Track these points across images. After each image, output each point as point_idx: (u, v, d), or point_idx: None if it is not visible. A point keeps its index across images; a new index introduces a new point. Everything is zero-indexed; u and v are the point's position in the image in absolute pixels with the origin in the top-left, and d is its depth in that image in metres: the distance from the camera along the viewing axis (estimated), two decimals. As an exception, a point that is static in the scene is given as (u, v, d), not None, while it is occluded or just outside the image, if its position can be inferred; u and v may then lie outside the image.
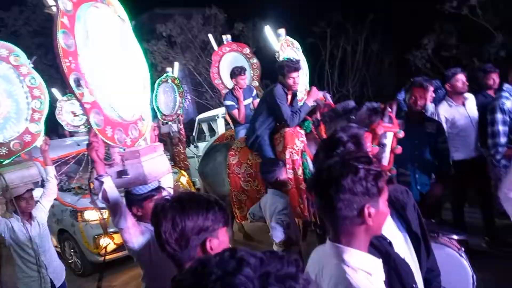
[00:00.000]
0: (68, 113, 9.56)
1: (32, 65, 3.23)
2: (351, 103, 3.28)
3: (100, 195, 1.97)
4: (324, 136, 3.49)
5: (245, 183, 4.07)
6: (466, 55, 10.19)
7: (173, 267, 1.37)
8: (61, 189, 5.75)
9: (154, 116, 7.28)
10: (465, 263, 2.17)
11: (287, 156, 3.65)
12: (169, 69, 8.20)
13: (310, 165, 3.59)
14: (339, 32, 12.71)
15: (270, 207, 3.06)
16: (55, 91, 10.05)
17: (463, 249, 2.28)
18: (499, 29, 9.43)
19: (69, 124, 9.70)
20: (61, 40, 1.81)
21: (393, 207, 1.60)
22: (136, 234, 2.00)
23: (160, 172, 2.31)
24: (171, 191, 2.42)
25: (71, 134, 9.65)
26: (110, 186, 1.97)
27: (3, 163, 3.05)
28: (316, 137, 3.67)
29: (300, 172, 3.63)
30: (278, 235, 2.91)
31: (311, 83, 4.97)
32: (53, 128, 12.36)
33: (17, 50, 3.13)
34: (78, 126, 9.76)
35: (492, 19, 9.41)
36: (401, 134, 2.41)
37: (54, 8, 1.86)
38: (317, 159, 1.84)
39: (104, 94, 2.06)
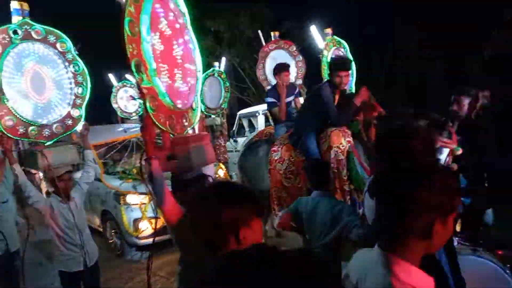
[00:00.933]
0: (122, 99, 10.05)
1: (77, 52, 3.38)
2: (410, 110, 3.20)
3: (147, 175, 2.07)
4: (373, 139, 3.39)
5: (286, 180, 4.05)
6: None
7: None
8: (106, 172, 6.08)
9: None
10: (510, 279, 2.08)
11: (332, 155, 3.61)
12: (216, 63, 8.40)
13: (358, 166, 3.51)
14: (390, 34, 12.35)
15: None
16: (111, 76, 10.58)
17: (508, 265, 2.17)
18: None
19: (123, 110, 10.20)
20: (127, 27, 1.94)
21: None
22: (176, 215, 2.08)
23: (205, 160, 2.38)
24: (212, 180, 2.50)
25: (123, 121, 10.13)
26: (156, 168, 2.07)
27: (45, 144, 3.21)
28: (364, 138, 3.58)
29: (344, 173, 3.57)
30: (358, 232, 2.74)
31: (358, 85, 4.89)
32: (105, 115, 13.02)
33: (64, 36, 3.27)
34: (131, 113, 10.24)
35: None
36: (459, 152, 2.29)
37: None
38: (380, 159, 1.77)
39: (160, 82, 2.17)
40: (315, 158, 3.69)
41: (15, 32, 2.98)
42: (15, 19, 3.01)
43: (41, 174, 4.21)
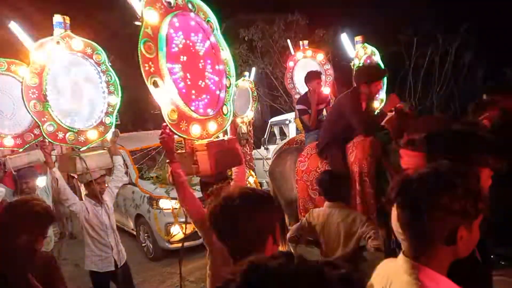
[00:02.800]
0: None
1: (110, 64, 3.60)
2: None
3: (169, 178, 2.32)
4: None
5: (313, 192, 3.88)
6: None
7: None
8: (141, 177, 6.28)
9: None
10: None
11: (355, 169, 3.50)
12: (246, 73, 8.50)
13: (389, 177, 3.38)
14: (427, 41, 12.00)
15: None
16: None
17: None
18: None
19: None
20: (142, 47, 2.13)
21: None
22: (202, 215, 2.21)
23: (226, 164, 2.52)
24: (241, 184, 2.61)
25: (155, 128, 10.48)
26: (176, 171, 2.31)
27: (80, 150, 3.41)
28: (396, 148, 3.48)
29: (369, 186, 3.44)
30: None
31: (389, 93, 4.78)
32: (142, 122, 13.50)
33: (99, 49, 3.50)
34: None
35: None
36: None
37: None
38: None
39: (181, 94, 2.33)
40: (339, 169, 3.58)
41: (57, 43, 3.21)
42: (57, 31, 3.23)
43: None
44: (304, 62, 6.06)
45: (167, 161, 2.39)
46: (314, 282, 0.66)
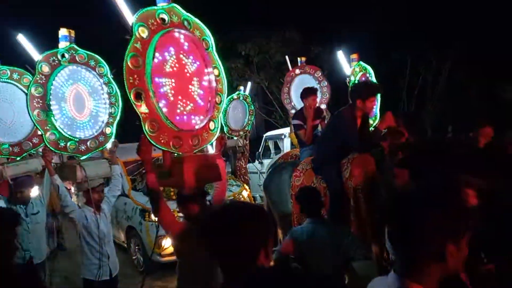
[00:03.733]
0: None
1: (112, 76, 3.75)
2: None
3: (144, 188, 2.40)
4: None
5: None
6: None
7: (204, 269, 1.47)
8: (134, 188, 6.33)
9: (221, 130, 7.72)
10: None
11: (351, 185, 3.59)
12: (241, 87, 8.69)
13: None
14: (420, 60, 12.36)
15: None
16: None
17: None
18: None
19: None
20: (129, 61, 2.26)
21: None
22: (175, 225, 2.36)
23: (205, 179, 2.62)
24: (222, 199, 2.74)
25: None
26: (152, 182, 2.42)
27: (80, 158, 3.53)
28: (388, 165, 3.46)
29: (363, 202, 3.50)
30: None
31: (383, 111, 4.94)
32: (136, 134, 13.52)
33: (102, 61, 3.67)
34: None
35: None
36: None
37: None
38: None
39: (164, 108, 2.45)
40: (334, 185, 3.67)
41: (63, 56, 3.36)
42: (63, 44, 3.40)
43: (73, 189, 4.51)
44: (301, 78, 6.24)
45: (143, 172, 2.53)
46: None
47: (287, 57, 6.83)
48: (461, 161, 1.65)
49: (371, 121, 4.41)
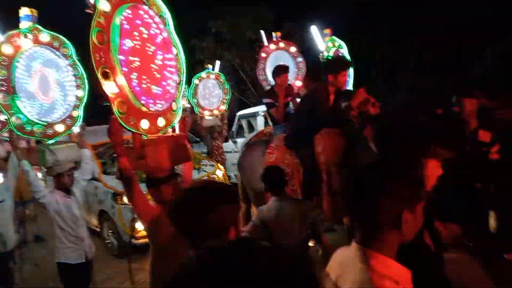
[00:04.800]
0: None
1: (78, 57, 3.68)
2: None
3: (117, 173, 2.38)
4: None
5: None
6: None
7: (178, 253, 1.47)
8: (104, 172, 6.29)
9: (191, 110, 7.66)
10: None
11: (323, 159, 3.72)
12: (209, 66, 8.58)
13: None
14: (390, 38, 12.59)
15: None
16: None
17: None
18: None
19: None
20: (94, 37, 2.17)
21: None
22: (148, 209, 2.36)
23: (175, 159, 2.61)
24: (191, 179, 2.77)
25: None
26: (124, 166, 2.38)
27: (48, 142, 3.49)
28: (361, 139, 3.62)
29: (335, 176, 3.62)
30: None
31: (356, 87, 5.06)
32: (105, 116, 13.25)
33: (67, 42, 3.59)
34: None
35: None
36: None
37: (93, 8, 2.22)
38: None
39: (131, 87, 2.40)
40: (307, 161, 3.78)
41: (25, 36, 3.27)
42: (25, 24, 3.30)
43: (40, 174, 4.46)
44: (276, 54, 6.21)
45: (114, 156, 2.45)
46: (266, 265, 0.68)
47: (262, 32, 6.80)
48: (425, 131, 1.78)
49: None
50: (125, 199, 5.63)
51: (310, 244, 3.22)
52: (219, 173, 6.68)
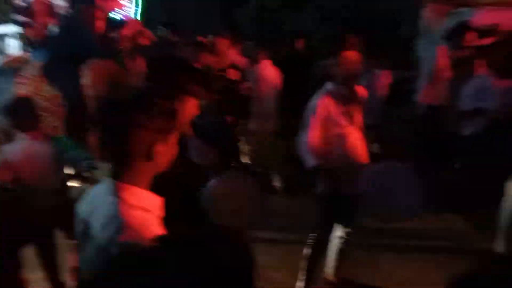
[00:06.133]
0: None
1: None
2: None
3: None
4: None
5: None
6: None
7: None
8: None
9: None
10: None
11: (91, 93, 3.58)
12: None
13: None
14: None
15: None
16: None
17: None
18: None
19: None
20: None
21: None
22: None
23: None
24: None
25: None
26: None
27: None
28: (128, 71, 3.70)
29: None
30: None
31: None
32: None
33: None
34: None
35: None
36: None
37: None
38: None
39: None
40: (70, 93, 3.59)
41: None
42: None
43: None
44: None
45: None
46: None
47: None
48: (187, 68, 1.89)
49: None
50: None
51: (75, 184, 3.08)
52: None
